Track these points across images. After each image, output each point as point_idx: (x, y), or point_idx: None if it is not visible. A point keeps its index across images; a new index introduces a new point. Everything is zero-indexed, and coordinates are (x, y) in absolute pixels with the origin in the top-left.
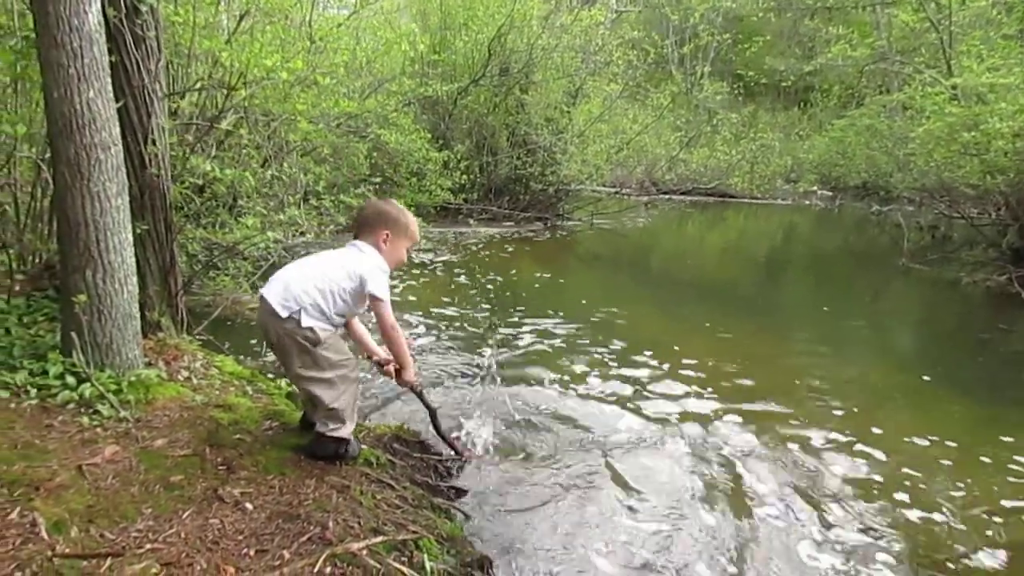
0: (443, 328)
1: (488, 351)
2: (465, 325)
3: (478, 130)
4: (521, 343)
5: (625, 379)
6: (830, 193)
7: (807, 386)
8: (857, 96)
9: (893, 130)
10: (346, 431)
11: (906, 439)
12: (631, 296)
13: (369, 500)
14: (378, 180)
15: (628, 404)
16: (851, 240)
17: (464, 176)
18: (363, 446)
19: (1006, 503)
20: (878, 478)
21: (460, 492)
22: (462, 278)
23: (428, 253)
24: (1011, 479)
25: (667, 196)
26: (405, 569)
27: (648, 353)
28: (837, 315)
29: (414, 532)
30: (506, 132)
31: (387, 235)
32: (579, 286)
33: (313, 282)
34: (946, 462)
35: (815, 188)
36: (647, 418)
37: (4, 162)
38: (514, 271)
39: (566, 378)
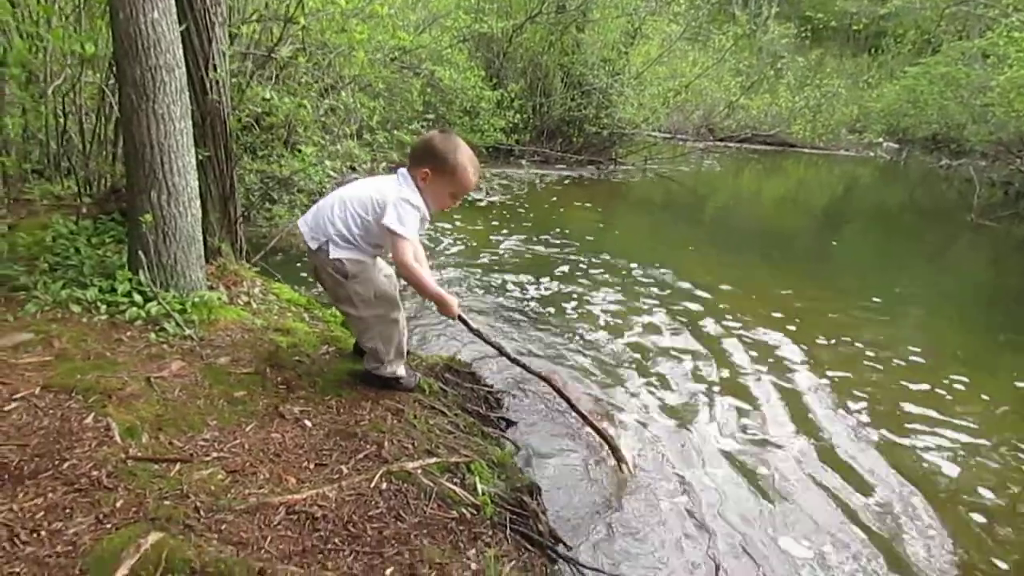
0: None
1: None
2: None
3: (532, 69)
4: (564, 279)
5: (670, 321)
6: (896, 145)
7: (865, 341)
8: (933, 42)
9: (971, 79)
10: (389, 370)
11: (971, 399)
12: (681, 241)
13: (422, 424)
14: (431, 117)
15: (669, 345)
16: (917, 194)
17: (517, 116)
18: (419, 375)
19: None
20: (935, 438)
21: (509, 423)
22: (513, 217)
23: (478, 192)
24: None
25: (724, 143)
26: (458, 489)
27: (694, 295)
28: (899, 269)
29: (466, 456)
30: (561, 72)
31: (427, 173)
32: (628, 229)
33: (337, 211)
34: (1014, 423)
35: (881, 139)
36: (687, 359)
37: (69, 88)
38: (563, 210)
39: (609, 316)
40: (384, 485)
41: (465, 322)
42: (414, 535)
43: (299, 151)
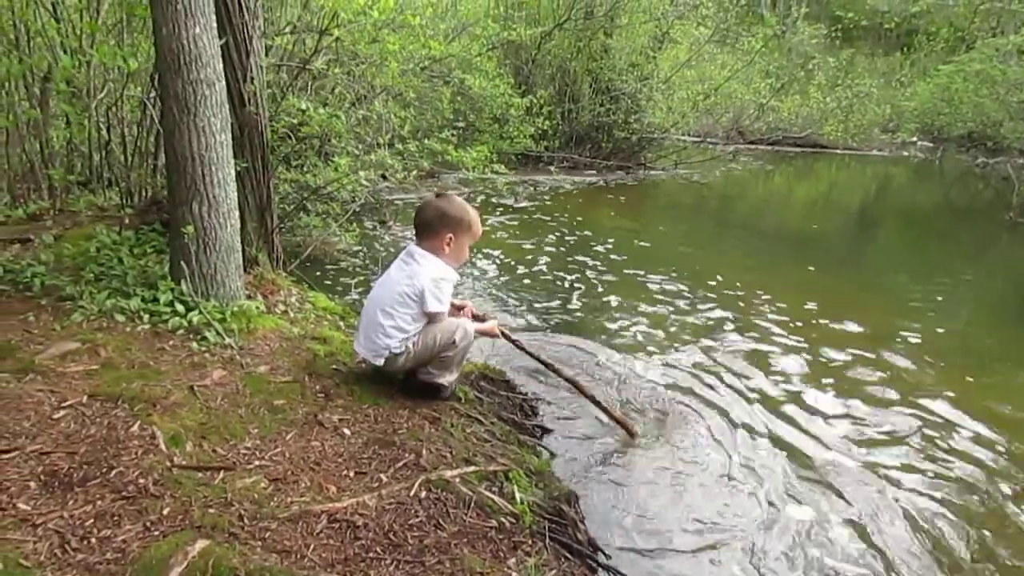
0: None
1: None
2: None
3: (561, 76)
4: (599, 288)
5: (704, 325)
6: (931, 144)
7: (903, 341)
8: (967, 40)
9: (1007, 76)
10: (447, 379)
11: (1010, 402)
12: (711, 243)
13: (459, 432)
14: (461, 125)
15: (705, 353)
16: (953, 194)
17: (546, 123)
18: (455, 384)
19: None
20: (976, 444)
21: (545, 430)
22: (539, 224)
23: (507, 199)
24: None
25: (755, 146)
26: (496, 498)
27: (730, 298)
28: (936, 270)
29: (504, 464)
30: (589, 78)
31: (450, 238)
32: (656, 231)
33: (387, 323)
34: None
35: (915, 138)
36: (726, 365)
37: (112, 102)
38: (590, 214)
39: (643, 323)
40: (423, 494)
41: (507, 337)
42: (454, 544)
43: (332, 161)
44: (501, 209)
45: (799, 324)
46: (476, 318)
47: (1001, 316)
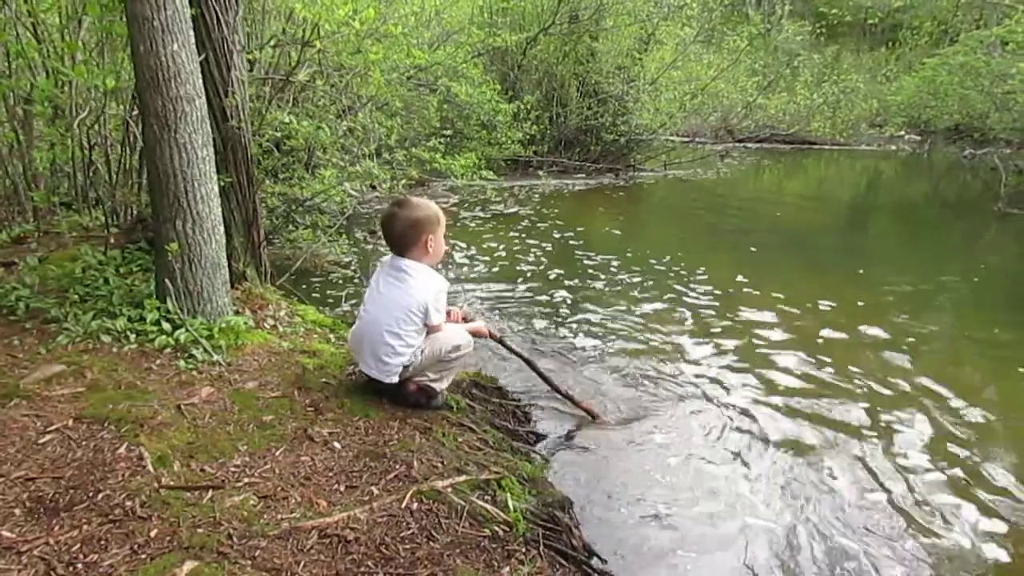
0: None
1: None
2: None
3: (548, 81)
4: (593, 285)
5: (696, 326)
6: (918, 137)
7: (893, 335)
8: (951, 33)
9: (991, 67)
10: (441, 385)
11: (996, 399)
12: (704, 241)
13: (451, 442)
14: (449, 133)
15: (697, 350)
16: (941, 186)
17: (534, 127)
18: (446, 393)
19: None
20: (962, 433)
21: (539, 436)
22: (529, 231)
23: (498, 205)
24: None
25: (743, 144)
26: (489, 507)
27: (721, 296)
28: (928, 262)
29: (496, 473)
30: (576, 82)
31: (429, 239)
32: (647, 232)
33: (395, 343)
34: None
35: (902, 132)
36: (717, 363)
37: (94, 121)
38: (581, 217)
39: (636, 321)
40: (415, 505)
41: (493, 336)
42: (447, 555)
43: (319, 173)
44: (486, 212)
45: (781, 313)
46: (465, 320)
47: (991, 304)
